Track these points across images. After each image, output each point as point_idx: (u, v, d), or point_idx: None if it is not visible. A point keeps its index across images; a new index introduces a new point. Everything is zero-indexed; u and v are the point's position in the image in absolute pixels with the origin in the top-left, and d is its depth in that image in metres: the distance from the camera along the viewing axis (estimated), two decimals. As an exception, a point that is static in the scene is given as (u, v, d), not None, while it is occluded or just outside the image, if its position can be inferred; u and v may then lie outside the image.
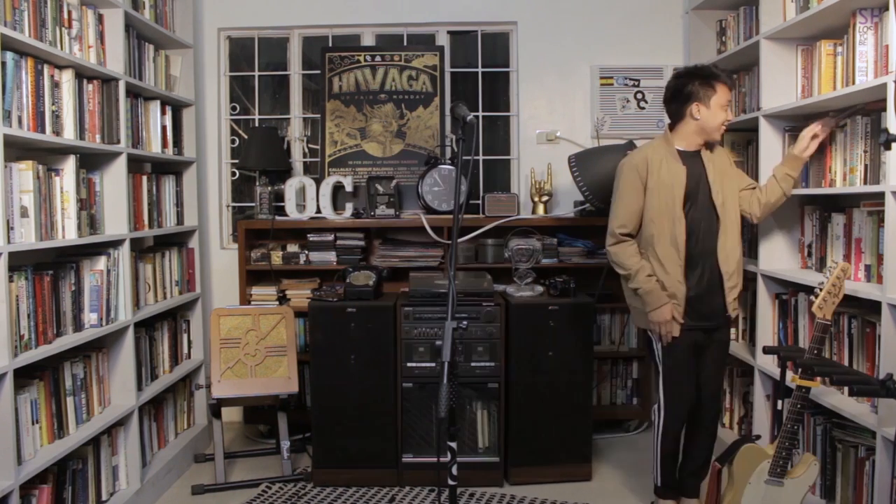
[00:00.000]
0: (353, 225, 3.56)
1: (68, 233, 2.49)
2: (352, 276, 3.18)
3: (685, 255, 2.55)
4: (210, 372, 3.19)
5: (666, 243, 2.55)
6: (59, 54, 2.39)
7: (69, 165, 2.49)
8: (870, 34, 2.36)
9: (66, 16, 2.51)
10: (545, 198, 3.70)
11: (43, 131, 2.35)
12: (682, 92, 2.60)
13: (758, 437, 2.84)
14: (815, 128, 2.55)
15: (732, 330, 3.37)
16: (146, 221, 3.10)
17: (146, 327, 3.08)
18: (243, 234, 3.54)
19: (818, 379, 2.15)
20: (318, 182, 3.63)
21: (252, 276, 3.61)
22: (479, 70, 3.98)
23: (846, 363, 2.47)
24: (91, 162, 2.75)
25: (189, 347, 3.55)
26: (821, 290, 2.11)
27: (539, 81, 3.91)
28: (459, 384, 2.99)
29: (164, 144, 3.30)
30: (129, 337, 2.80)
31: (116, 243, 2.79)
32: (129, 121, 2.90)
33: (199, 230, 3.65)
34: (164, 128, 3.27)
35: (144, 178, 3.09)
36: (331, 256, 3.57)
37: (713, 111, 2.55)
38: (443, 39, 3.95)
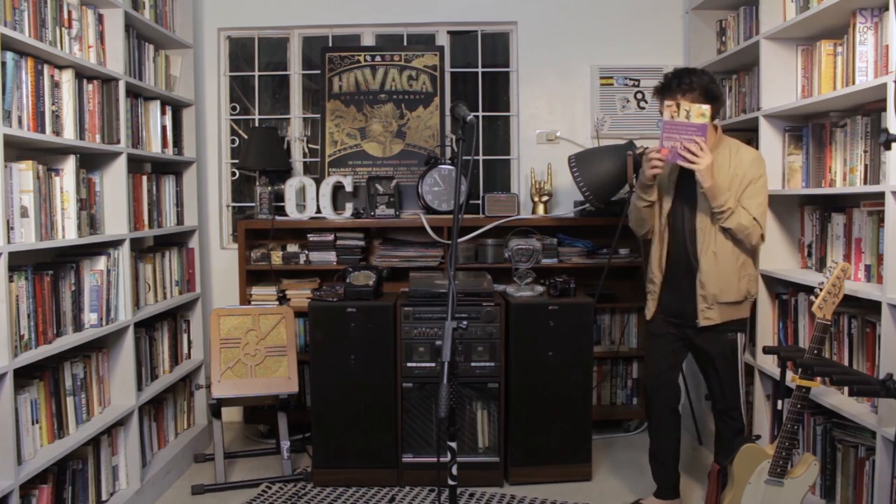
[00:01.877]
0: (353, 225, 3.56)
1: (68, 233, 2.49)
2: (352, 276, 3.18)
3: (666, 250, 2.65)
4: (210, 372, 3.19)
5: (656, 236, 2.67)
6: (59, 54, 2.39)
7: (69, 165, 2.49)
8: (870, 34, 2.36)
9: (66, 16, 2.51)
10: (545, 198, 3.70)
11: (43, 131, 2.35)
12: None
13: (758, 437, 2.84)
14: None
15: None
16: (146, 221, 3.10)
17: (146, 327, 3.08)
18: (243, 234, 3.54)
19: (818, 379, 2.15)
20: (318, 182, 3.63)
21: (252, 276, 3.61)
22: (479, 70, 3.98)
23: (846, 363, 2.47)
24: (91, 162, 2.75)
25: (189, 347, 3.55)
26: (821, 290, 2.11)
27: (539, 81, 3.91)
28: (459, 384, 2.99)
29: (164, 144, 3.30)
30: (129, 337, 2.80)
31: (116, 243, 2.79)
32: (129, 121, 2.90)
33: (199, 230, 3.65)
34: (164, 128, 3.28)
35: (144, 178, 3.10)
36: (331, 256, 3.57)
37: None
38: (443, 39, 3.95)
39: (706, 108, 2.37)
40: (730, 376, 2.63)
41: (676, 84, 2.47)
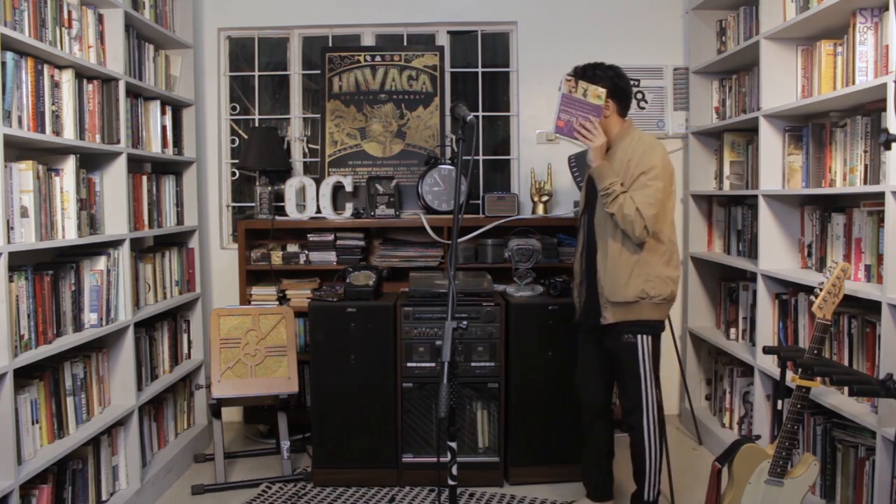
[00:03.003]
0: (353, 225, 3.56)
1: (68, 233, 2.49)
2: (352, 276, 3.18)
3: (582, 251, 2.66)
4: (210, 372, 3.19)
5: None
6: (59, 54, 2.39)
7: (69, 165, 2.49)
8: (870, 34, 2.36)
9: (66, 16, 2.51)
10: (545, 198, 3.70)
11: (43, 131, 2.35)
12: None
13: (758, 437, 2.84)
14: None
15: (732, 331, 3.38)
16: (146, 221, 3.10)
17: (146, 327, 3.08)
18: (243, 234, 3.54)
19: (818, 379, 2.15)
20: (318, 182, 3.63)
21: (252, 276, 3.61)
22: (479, 70, 3.98)
23: (846, 363, 2.47)
24: (91, 162, 2.75)
25: (189, 347, 3.55)
26: (821, 289, 2.11)
27: (539, 81, 3.90)
28: (459, 384, 2.99)
29: (164, 144, 3.30)
30: (129, 337, 2.80)
31: (116, 243, 2.79)
32: (129, 121, 2.90)
33: (199, 230, 3.65)
34: (164, 128, 3.27)
35: (144, 178, 3.10)
36: (331, 256, 3.57)
37: None
38: (443, 39, 3.95)
39: (602, 90, 2.47)
40: (628, 378, 2.54)
41: (581, 75, 2.53)
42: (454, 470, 2.05)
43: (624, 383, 2.58)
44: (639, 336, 2.50)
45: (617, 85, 2.53)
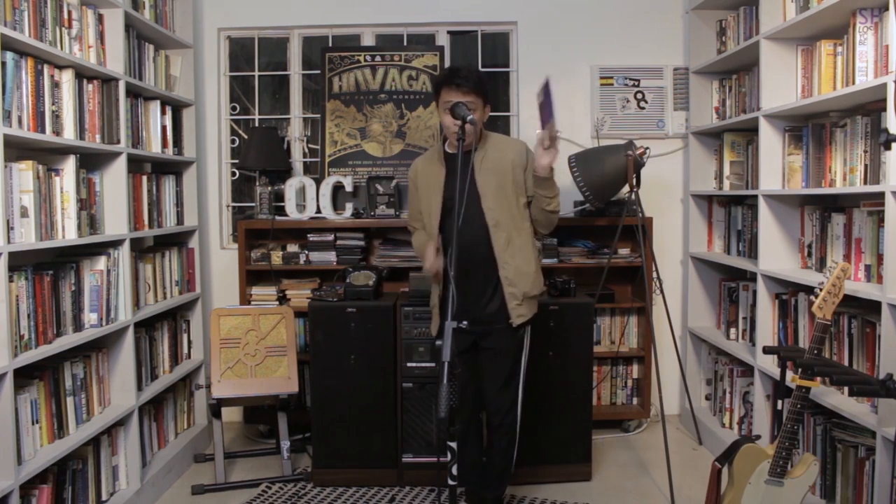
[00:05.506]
0: (353, 225, 3.56)
1: (68, 233, 2.49)
2: (352, 276, 3.17)
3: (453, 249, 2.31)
4: (210, 372, 3.19)
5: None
6: (59, 54, 2.39)
7: (69, 165, 2.49)
8: (870, 34, 2.36)
9: (66, 16, 2.51)
10: (545, 198, 3.69)
11: (43, 131, 2.35)
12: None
13: (758, 437, 2.84)
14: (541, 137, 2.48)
15: (732, 331, 3.38)
16: (146, 221, 3.10)
17: (146, 327, 3.08)
18: (243, 234, 3.54)
19: (818, 379, 2.15)
20: (318, 182, 3.63)
21: (252, 276, 3.61)
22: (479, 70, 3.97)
23: (846, 363, 2.47)
24: (91, 162, 2.75)
25: (189, 347, 3.55)
26: (821, 289, 2.11)
27: (539, 81, 3.89)
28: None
29: (164, 144, 3.30)
30: (129, 337, 2.80)
31: (116, 243, 2.79)
32: (129, 121, 2.90)
33: (199, 230, 3.64)
34: (164, 128, 3.27)
35: (144, 178, 3.09)
36: (331, 256, 3.57)
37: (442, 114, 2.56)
38: (443, 39, 3.95)
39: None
40: (511, 375, 2.62)
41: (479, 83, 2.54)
42: (454, 470, 2.05)
43: (506, 381, 2.58)
44: (528, 329, 2.60)
45: (486, 86, 2.61)
